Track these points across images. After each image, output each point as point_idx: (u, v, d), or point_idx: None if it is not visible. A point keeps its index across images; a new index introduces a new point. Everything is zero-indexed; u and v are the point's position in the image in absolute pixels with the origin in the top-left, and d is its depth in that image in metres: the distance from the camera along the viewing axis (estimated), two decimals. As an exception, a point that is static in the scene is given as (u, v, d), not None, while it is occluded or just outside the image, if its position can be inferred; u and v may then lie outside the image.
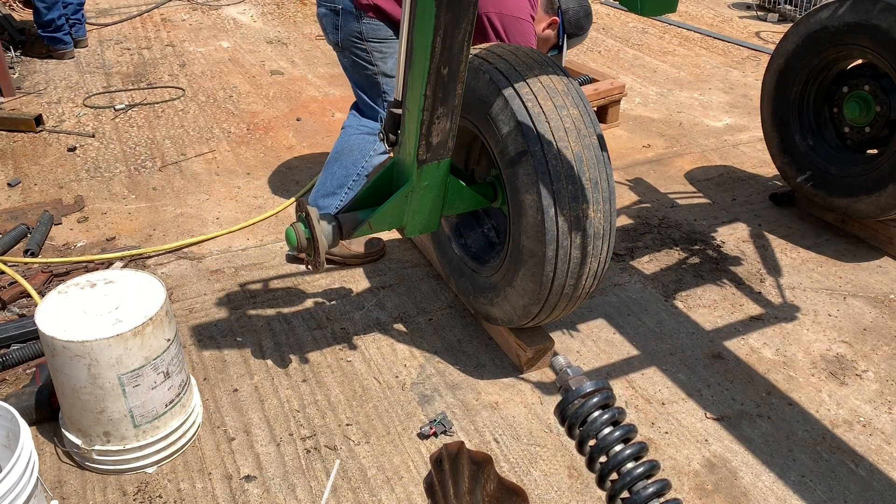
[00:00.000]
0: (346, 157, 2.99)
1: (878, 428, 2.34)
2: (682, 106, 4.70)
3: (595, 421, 1.49)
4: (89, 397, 2.02)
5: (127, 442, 2.11)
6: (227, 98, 4.75)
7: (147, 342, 2.02)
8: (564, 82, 2.22)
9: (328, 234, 2.27)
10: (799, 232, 3.36)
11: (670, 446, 2.27)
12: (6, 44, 5.39)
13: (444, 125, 2.15)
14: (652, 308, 2.87)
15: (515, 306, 2.36)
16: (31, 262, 3.08)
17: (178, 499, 2.09)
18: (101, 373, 1.98)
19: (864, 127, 3.17)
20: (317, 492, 2.12)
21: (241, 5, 6.56)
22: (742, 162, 3.99)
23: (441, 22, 1.90)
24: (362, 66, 2.89)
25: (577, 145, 2.15)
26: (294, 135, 4.29)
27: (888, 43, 2.88)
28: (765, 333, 2.74)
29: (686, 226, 3.41)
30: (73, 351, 1.95)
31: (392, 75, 2.82)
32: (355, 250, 3.08)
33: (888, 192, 2.98)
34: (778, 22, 6.33)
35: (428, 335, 2.72)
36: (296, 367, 2.57)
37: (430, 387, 2.49)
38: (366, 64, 2.87)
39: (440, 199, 2.38)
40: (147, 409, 2.09)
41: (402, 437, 2.29)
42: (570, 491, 2.13)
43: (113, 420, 2.07)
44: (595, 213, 2.18)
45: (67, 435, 2.15)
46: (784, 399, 2.45)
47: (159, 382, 2.09)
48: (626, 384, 2.51)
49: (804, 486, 2.15)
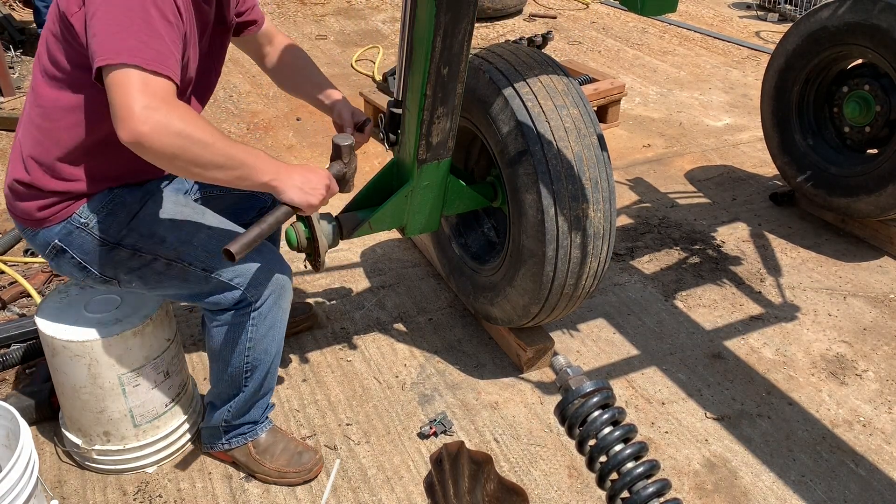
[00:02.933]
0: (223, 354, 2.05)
1: (878, 428, 2.34)
2: (682, 105, 4.70)
3: (595, 421, 1.49)
4: (89, 397, 2.02)
5: (127, 442, 2.11)
6: (227, 98, 4.75)
7: (147, 342, 2.02)
8: (564, 82, 2.22)
9: (328, 234, 2.27)
10: (799, 232, 3.36)
11: (670, 446, 2.27)
12: (6, 43, 5.39)
13: (444, 125, 2.15)
14: (652, 308, 2.87)
15: (515, 306, 2.37)
16: (31, 261, 3.08)
17: (178, 499, 2.09)
18: (102, 372, 1.98)
19: (864, 127, 3.17)
20: (317, 491, 2.12)
21: (241, 5, 6.56)
22: (742, 162, 3.99)
23: (441, 22, 1.90)
24: (158, 270, 1.91)
25: (577, 145, 2.15)
26: (294, 134, 4.29)
27: (888, 43, 2.88)
28: (765, 333, 2.74)
29: (686, 225, 3.41)
30: (73, 351, 1.95)
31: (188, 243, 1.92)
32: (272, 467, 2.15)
33: (888, 191, 2.98)
34: (778, 22, 6.33)
35: (428, 335, 2.72)
36: (295, 367, 2.56)
37: (430, 386, 2.49)
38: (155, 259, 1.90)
39: (440, 199, 2.38)
40: (147, 409, 2.09)
41: (402, 437, 2.29)
42: (570, 491, 2.13)
43: (113, 420, 2.07)
44: (595, 213, 2.18)
45: (67, 434, 2.15)
46: (784, 399, 2.45)
47: (160, 382, 2.09)
48: (626, 384, 2.51)
49: (804, 486, 2.15)
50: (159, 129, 1.54)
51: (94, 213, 1.86)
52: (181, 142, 1.57)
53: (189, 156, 1.59)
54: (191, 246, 1.89)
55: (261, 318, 1.95)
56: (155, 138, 1.54)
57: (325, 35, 5.86)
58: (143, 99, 1.53)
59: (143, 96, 1.53)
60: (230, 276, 1.90)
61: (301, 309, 2.71)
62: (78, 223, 1.86)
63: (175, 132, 1.55)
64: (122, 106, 1.54)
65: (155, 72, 1.56)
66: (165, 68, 1.59)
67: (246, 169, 1.69)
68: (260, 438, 2.14)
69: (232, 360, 2.00)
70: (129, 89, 1.54)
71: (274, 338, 2.01)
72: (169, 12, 1.62)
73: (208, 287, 1.91)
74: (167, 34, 1.61)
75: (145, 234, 1.88)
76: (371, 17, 6.27)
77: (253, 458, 2.12)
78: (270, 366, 2.05)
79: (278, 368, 2.10)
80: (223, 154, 1.63)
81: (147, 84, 1.55)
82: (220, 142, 1.63)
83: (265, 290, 1.93)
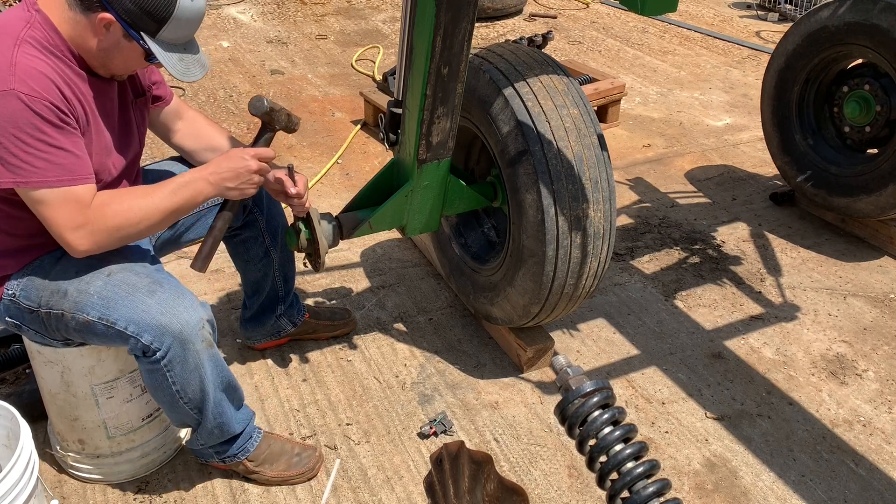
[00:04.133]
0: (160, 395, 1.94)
1: (879, 427, 2.34)
2: (682, 105, 4.70)
3: (595, 420, 1.49)
4: (63, 404, 2.01)
5: (101, 452, 2.08)
6: (227, 97, 4.75)
7: (122, 355, 1.96)
8: (564, 82, 2.22)
9: (329, 234, 2.27)
10: (799, 231, 3.36)
11: (670, 446, 2.27)
12: None
13: (444, 125, 2.15)
14: (652, 308, 2.87)
15: (515, 306, 2.36)
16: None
17: (179, 498, 2.09)
18: (74, 381, 1.96)
19: (865, 126, 3.17)
20: (317, 491, 2.12)
21: (241, 5, 6.56)
22: (742, 161, 3.99)
23: (441, 22, 1.90)
24: (72, 325, 1.82)
25: (578, 145, 2.15)
26: (294, 134, 4.28)
27: (888, 42, 2.88)
28: (765, 333, 2.74)
29: (686, 225, 3.41)
30: (46, 357, 1.94)
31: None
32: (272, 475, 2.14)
33: (888, 191, 2.98)
34: (778, 21, 6.33)
35: (428, 335, 2.72)
36: (296, 367, 2.57)
37: (431, 386, 2.49)
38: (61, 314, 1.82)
39: (440, 199, 2.38)
40: (122, 422, 2.05)
41: (402, 437, 2.29)
42: (570, 490, 2.13)
43: (87, 429, 2.04)
44: (595, 213, 2.18)
45: (50, 438, 2.16)
46: (784, 399, 2.45)
47: (135, 396, 2.04)
48: (626, 384, 2.51)
49: (804, 486, 2.15)
50: (97, 240, 1.71)
51: (18, 283, 1.83)
52: (121, 234, 1.74)
53: (134, 235, 1.76)
54: (87, 294, 1.78)
55: (172, 365, 1.81)
56: (96, 248, 1.73)
57: (325, 35, 5.86)
58: (70, 220, 1.67)
59: (69, 218, 1.67)
60: (124, 325, 1.76)
61: (340, 314, 2.69)
62: (8, 298, 1.84)
63: (111, 231, 1.72)
64: (55, 233, 1.70)
65: (69, 185, 1.65)
66: (78, 178, 1.67)
67: (185, 205, 1.81)
68: (253, 452, 2.09)
69: (168, 400, 1.90)
70: (54, 214, 1.67)
71: (203, 377, 1.87)
72: (56, 118, 1.62)
73: (109, 337, 1.80)
74: (65, 141, 1.65)
75: (54, 290, 1.81)
76: (371, 16, 6.27)
77: (252, 471, 2.10)
78: (214, 401, 1.93)
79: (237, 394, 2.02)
80: (161, 212, 1.77)
81: (67, 200, 1.66)
82: (153, 205, 1.75)
83: (165, 338, 1.77)
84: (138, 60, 1.76)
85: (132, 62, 1.77)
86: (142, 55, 1.74)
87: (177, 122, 2.14)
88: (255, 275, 2.41)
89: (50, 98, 1.61)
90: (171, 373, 1.82)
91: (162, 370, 1.82)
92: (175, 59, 1.73)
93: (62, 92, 1.65)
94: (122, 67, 1.78)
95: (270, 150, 1.92)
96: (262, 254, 2.36)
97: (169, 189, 1.78)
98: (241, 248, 2.36)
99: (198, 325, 1.81)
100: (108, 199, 1.72)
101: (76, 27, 1.68)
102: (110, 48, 1.71)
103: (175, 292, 1.81)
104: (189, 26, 1.72)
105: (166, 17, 1.67)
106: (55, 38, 1.68)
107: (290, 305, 2.52)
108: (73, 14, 1.67)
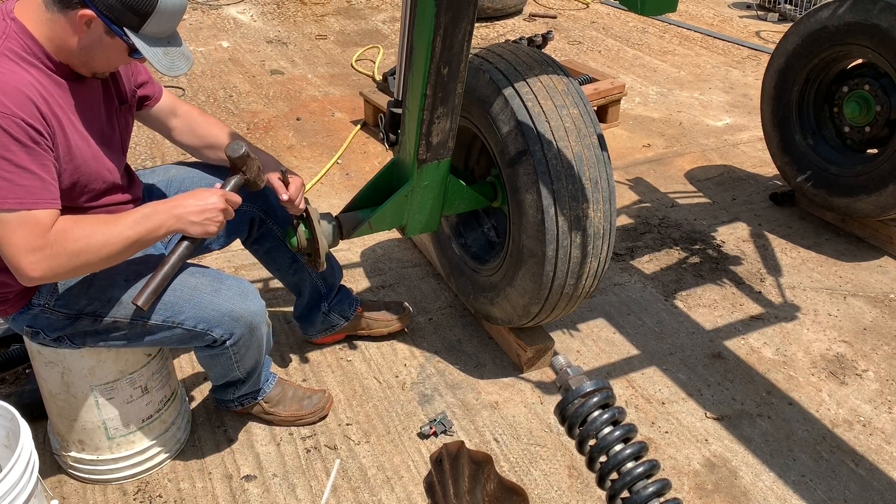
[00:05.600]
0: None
1: (878, 427, 2.34)
2: (682, 105, 4.70)
3: (595, 420, 1.49)
4: (63, 404, 2.01)
5: (100, 453, 2.08)
6: (227, 97, 4.75)
7: (123, 356, 1.97)
8: (564, 82, 2.22)
9: (328, 234, 2.27)
10: (799, 231, 3.36)
11: (670, 446, 2.27)
12: None
13: (444, 125, 2.15)
14: (652, 308, 2.87)
15: (515, 306, 2.36)
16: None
17: (179, 498, 2.09)
18: (74, 381, 1.96)
19: (865, 126, 3.17)
20: (317, 491, 2.12)
21: (241, 5, 6.56)
22: (742, 161, 3.99)
23: (441, 22, 1.90)
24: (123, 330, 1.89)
25: (577, 145, 2.15)
26: (294, 134, 4.29)
27: (888, 42, 2.88)
28: (765, 333, 2.74)
29: (686, 225, 3.41)
30: (46, 357, 1.94)
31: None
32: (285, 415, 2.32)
33: (888, 191, 2.98)
34: (778, 21, 6.33)
35: (428, 335, 2.72)
36: (296, 367, 2.57)
37: (430, 386, 2.49)
38: (115, 322, 1.88)
39: (440, 199, 2.38)
40: (122, 423, 2.05)
41: (402, 437, 2.29)
42: (570, 490, 2.13)
43: (87, 429, 2.04)
44: (595, 213, 2.18)
45: (50, 438, 2.16)
46: (784, 399, 2.45)
47: (136, 397, 2.04)
48: (626, 384, 2.51)
49: (804, 486, 2.15)
50: (52, 265, 1.62)
51: (49, 292, 1.84)
52: (80, 260, 1.66)
53: (94, 263, 1.69)
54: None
55: (238, 347, 2.02)
56: (51, 274, 1.64)
57: (325, 35, 5.86)
58: (26, 242, 1.58)
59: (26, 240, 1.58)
60: (193, 324, 1.91)
61: (394, 308, 2.68)
62: (38, 306, 1.84)
63: (70, 256, 1.63)
64: (6, 255, 1.61)
65: (29, 209, 1.58)
66: (40, 202, 1.60)
67: (148, 236, 1.74)
68: (269, 395, 2.28)
69: (222, 372, 2.12)
70: (9, 235, 1.59)
71: (261, 352, 2.11)
72: (27, 138, 1.57)
73: (176, 337, 1.93)
74: (32, 163, 1.59)
75: (103, 299, 1.84)
76: (371, 16, 6.27)
77: (267, 412, 2.29)
78: (262, 364, 2.19)
79: (271, 345, 2.19)
80: (123, 240, 1.70)
81: (25, 223, 1.59)
82: (115, 233, 1.69)
83: (234, 328, 1.96)
84: (121, 56, 1.72)
85: (115, 58, 1.73)
86: (125, 51, 1.70)
87: (172, 119, 2.12)
88: (291, 279, 2.48)
89: (23, 115, 1.56)
90: (237, 354, 2.04)
91: (228, 352, 2.02)
92: (160, 53, 1.69)
93: (38, 108, 1.60)
94: (105, 65, 1.75)
95: (238, 197, 1.88)
96: (290, 260, 2.40)
97: (133, 218, 1.73)
98: (268, 258, 2.42)
99: (263, 312, 2.02)
100: (69, 224, 1.66)
101: (55, 28, 1.64)
102: (92, 45, 1.67)
103: (237, 287, 1.96)
104: (172, 19, 1.68)
105: (149, 12, 1.62)
106: (32, 45, 1.64)
107: (338, 301, 2.54)
108: (51, 14, 1.63)
